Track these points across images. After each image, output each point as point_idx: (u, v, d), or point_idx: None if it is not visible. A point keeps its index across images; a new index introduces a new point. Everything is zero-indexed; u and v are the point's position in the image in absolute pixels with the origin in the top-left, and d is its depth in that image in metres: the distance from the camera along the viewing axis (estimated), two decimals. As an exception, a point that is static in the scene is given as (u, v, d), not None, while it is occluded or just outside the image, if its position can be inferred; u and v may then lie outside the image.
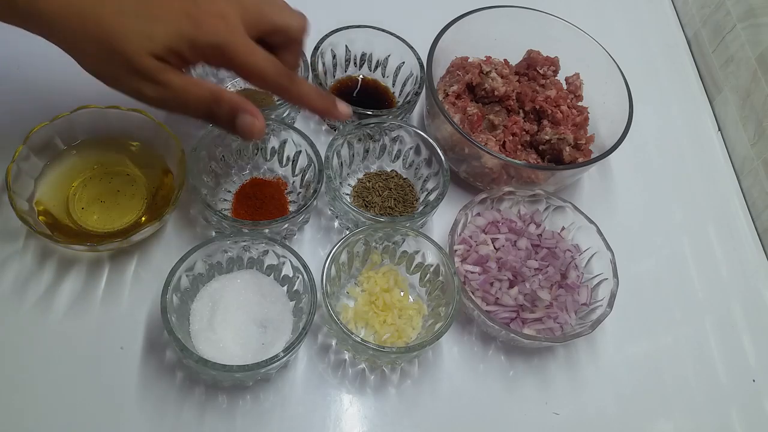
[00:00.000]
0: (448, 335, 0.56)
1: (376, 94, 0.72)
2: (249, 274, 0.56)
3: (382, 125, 0.64)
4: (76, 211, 0.57)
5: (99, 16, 0.41)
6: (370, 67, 0.72)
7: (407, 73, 0.70)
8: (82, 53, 0.43)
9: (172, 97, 0.43)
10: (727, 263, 0.71)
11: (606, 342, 0.63)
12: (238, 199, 0.62)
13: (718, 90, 0.84)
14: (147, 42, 0.41)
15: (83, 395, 0.52)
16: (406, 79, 0.70)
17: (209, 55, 0.43)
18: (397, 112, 0.65)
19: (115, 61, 0.41)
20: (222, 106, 0.44)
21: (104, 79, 0.44)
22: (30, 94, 0.65)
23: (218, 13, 0.43)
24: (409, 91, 0.69)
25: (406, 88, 0.71)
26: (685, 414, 0.60)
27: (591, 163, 0.63)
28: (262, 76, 0.44)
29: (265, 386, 0.54)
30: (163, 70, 0.42)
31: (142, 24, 0.41)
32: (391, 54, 0.71)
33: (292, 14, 0.48)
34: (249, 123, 0.44)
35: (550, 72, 0.72)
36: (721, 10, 0.84)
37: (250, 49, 0.44)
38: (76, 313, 0.55)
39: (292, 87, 0.46)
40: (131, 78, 0.42)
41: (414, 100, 0.67)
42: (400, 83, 0.71)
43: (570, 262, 0.62)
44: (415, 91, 0.67)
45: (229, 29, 0.43)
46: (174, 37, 0.41)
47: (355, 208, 0.58)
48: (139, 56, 0.41)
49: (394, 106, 0.71)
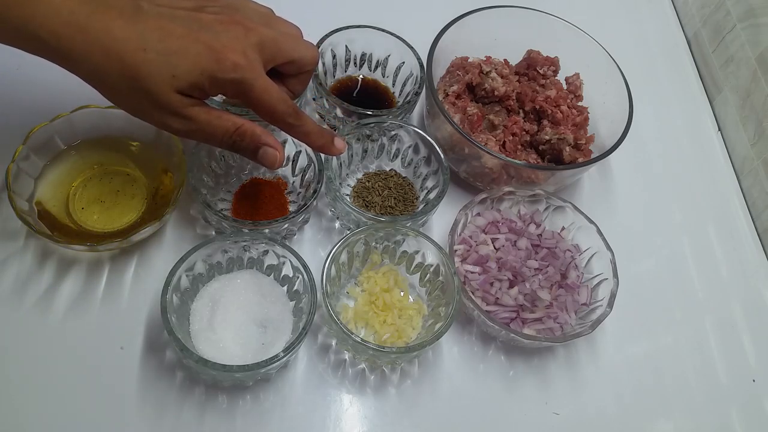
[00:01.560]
0: (448, 335, 0.56)
1: (376, 94, 0.72)
2: (249, 274, 0.56)
3: (381, 125, 0.64)
4: (76, 211, 0.57)
5: (123, 53, 0.42)
6: (370, 67, 0.72)
7: (407, 73, 0.70)
8: (108, 88, 0.44)
9: (198, 130, 0.46)
10: (727, 263, 0.71)
11: (606, 342, 0.63)
12: (238, 199, 0.62)
13: (718, 90, 0.84)
14: (171, 79, 0.42)
15: (83, 395, 0.52)
16: (406, 79, 0.70)
17: (228, 89, 0.45)
18: (397, 112, 0.65)
19: (140, 96, 0.43)
20: (245, 138, 0.47)
21: (130, 111, 0.46)
22: (30, 94, 0.65)
23: (239, 49, 0.44)
24: (409, 91, 0.69)
25: (406, 88, 0.71)
26: (685, 414, 0.60)
27: (591, 163, 0.63)
28: (271, 113, 0.47)
29: (265, 386, 0.54)
30: (188, 105, 0.44)
31: (165, 61, 0.42)
32: (391, 54, 0.71)
33: (306, 47, 0.50)
34: (271, 155, 0.48)
35: (550, 72, 0.72)
36: (721, 10, 0.84)
37: (266, 87, 0.45)
38: (76, 313, 0.55)
39: (297, 125, 0.48)
40: (157, 112, 0.44)
41: (414, 100, 0.67)
42: (400, 83, 0.71)
43: (570, 262, 0.62)
44: (415, 91, 0.67)
45: (248, 66, 0.44)
46: (196, 73, 0.43)
47: (356, 209, 0.58)
48: (164, 93, 0.43)
49: (394, 106, 0.71)
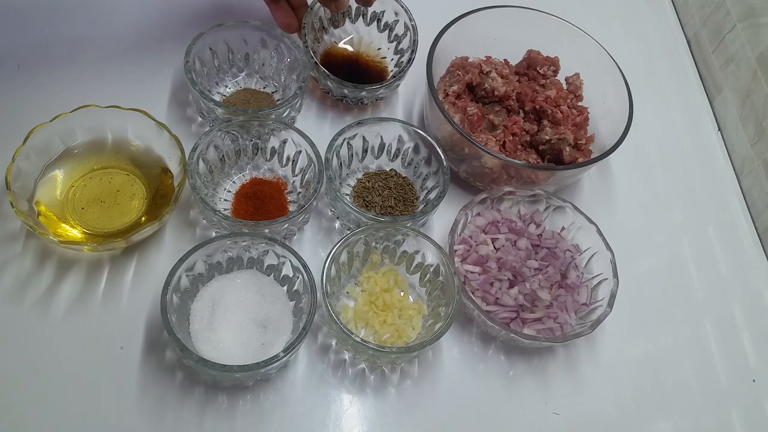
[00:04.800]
0: (448, 335, 0.56)
1: (369, 69, 0.73)
2: (249, 274, 0.56)
3: (382, 123, 0.64)
4: (76, 211, 0.57)
5: None
6: (365, 20, 0.73)
7: (401, 31, 0.71)
8: None
9: None
10: (727, 263, 0.71)
11: (606, 342, 0.63)
12: (238, 199, 0.62)
13: (718, 90, 0.84)
14: None
15: (83, 395, 0.52)
16: (401, 37, 0.71)
17: None
18: (391, 82, 0.67)
19: None
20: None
21: None
22: (30, 94, 0.65)
23: None
24: (405, 48, 0.71)
25: (401, 45, 0.72)
26: (685, 414, 0.60)
27: (591, 163, 0.63)
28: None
29: (265, 386, 0.54)
30: None
31: None
32: (385, 10, 0.72)
33: None
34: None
35: (550, 72, 0.72)
36: (721, 10, 0.84)
37: None
38: (76, 313, 0.55)
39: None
40: None
41: (406, 70, 0.68)
42: (395, 40, 0.72)
43: (570, 262, 0.62)
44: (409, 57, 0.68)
45: None
46: None
47: (356, 209, 0.58)
48: None
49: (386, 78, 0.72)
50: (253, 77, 0.70)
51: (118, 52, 0.70)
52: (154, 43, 0.72)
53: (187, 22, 0.74)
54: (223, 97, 0.68)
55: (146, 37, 0.72)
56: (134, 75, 0.69)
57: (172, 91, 0.68)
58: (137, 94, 0.63)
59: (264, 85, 0.70)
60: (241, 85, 0.70)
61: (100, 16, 0.72)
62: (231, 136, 0.61)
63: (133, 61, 0.70)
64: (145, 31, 0.73)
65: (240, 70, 0.70)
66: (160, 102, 0.67)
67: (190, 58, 0.62)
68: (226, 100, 0.67)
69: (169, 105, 0.67)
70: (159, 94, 0.68)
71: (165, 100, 0.68)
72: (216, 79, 0.68)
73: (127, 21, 0.73)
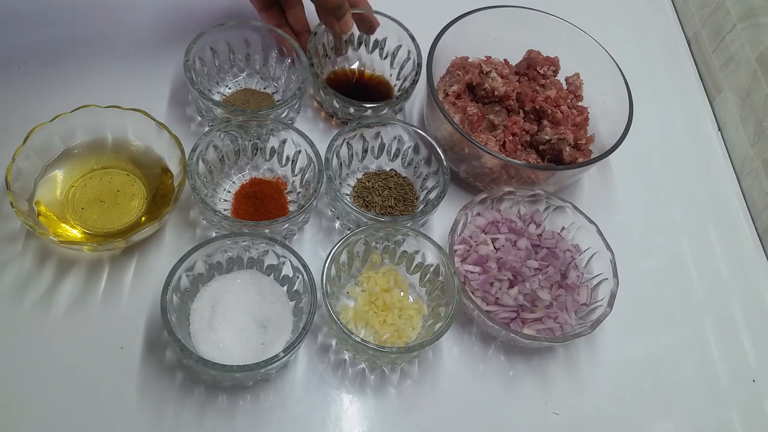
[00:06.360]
0: (448, 335, 0.56)
1: (373, 87, 0.73)
2: (249, 274, 0.56)
3: (381, 123, 0.64)
4: (76, 211, 0.57)
5: None
6: (368, 48, 0.73)
7: (404, 56, 0.71)
8: None
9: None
10: (727, 263, 0.71)
11: (606, 342, 0.63)
12: (238, 199, 0.62)
13: (718, 90, 0.84)
14: None
15: (83, 395, 0.52)
16: (404, 62, 0.71)
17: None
18: (395, 102, 0.66)
19: None
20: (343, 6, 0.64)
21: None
22: (30, 94, 0.65)
23: None
24: (407, 74, 0.70)
25: (404, 71, 0.71)
26: (685, 414, 0.60)
27: (591, 163, 0.63)
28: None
29: (265, 386, 0.54)
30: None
31: None
32: (388, 36, 0.71)
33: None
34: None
35: (550, 72, 0.72)
36: (721, 10, 0.84)
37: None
38: (76, 313, 0.55)
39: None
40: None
41: (411, 90, 0.67)
42: (397, 66, 0.72)
43: (570, 262, 0.62)
44: (413, 79, 0.68)
45: None
46: None
47: (356, 209, 0.58)
48: None
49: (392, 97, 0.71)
50: (253, 77, 0.70)
51: (118, 52, 0.70)
52: (154, 43, 0.72)
53: (188, 22, 0.74)
54: (224, 96, 0.68)
55: (147, 38, 0.72)
56: (134, 75, 0.69)
57: (172, 91, 0.68)
58: (137, 94, 0.64)
59: (264, 86, 0.70)
60: (241, 85, 0.70)
61: (100, 17, 0.73)
62: (230, 136, 0.61)
63: (133, 61, 0.70)
64: (146, 31, 0.73)
65: (241, 70, 0.70)
66: (160, 102, 0.67)
67: (189, 57, 0.62)
68: (227, 99, 0.67)
69: (169, 105, 0.67)
70: (159, 94, 0.68)
71: (165, 99, 0.68)
72: (217, 79, 0.68)
73: (128, 21, 0.73)
